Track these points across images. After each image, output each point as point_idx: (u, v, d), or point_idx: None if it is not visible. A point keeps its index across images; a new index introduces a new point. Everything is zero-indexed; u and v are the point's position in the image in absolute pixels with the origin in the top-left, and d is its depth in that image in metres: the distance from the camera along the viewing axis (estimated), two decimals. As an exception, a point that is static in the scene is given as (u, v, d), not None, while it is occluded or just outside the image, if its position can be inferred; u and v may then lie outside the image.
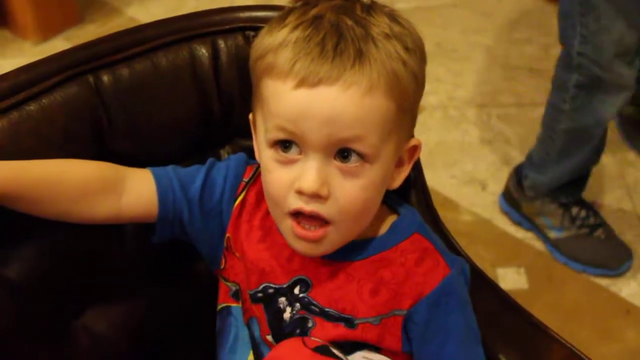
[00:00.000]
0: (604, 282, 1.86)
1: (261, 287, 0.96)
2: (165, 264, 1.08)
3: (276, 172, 0.89)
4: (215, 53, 1.05)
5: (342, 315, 0.93)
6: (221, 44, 1.06)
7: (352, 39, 0.86)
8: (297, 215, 0.88)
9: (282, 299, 0.95)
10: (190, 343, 1.12)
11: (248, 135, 1.08)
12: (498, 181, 2.06)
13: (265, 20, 1.05)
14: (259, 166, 0.97)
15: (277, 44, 0.87)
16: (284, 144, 0.87)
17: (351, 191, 0.87)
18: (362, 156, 0.87)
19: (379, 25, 0.88)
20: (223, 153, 1.09)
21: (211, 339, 1.05)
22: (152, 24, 1.05)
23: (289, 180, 0.88)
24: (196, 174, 0.99)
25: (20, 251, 0.98)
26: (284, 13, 0.91)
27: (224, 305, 1.01)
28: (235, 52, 1.06)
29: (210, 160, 1.01)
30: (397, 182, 0.95)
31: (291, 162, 0.87)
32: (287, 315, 0.95)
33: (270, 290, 0.96)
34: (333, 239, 0.90)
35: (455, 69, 2.35)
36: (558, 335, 1.02)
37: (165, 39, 1.03)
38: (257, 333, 0.97)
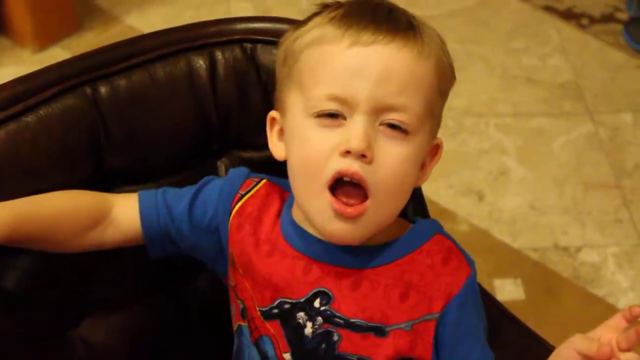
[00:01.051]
0: (600, 292, 1.86)
1: (276, 302, 0.93)
2: (163, 274, 1.08)
3: (317, 137, 0.88)
4: (212, 65, 1.05)
5: (371, 324, 0.91)
6: (218, 55, 1.06)
7: (403, 12, 0.90)
8: (335, 188, 0.87)
9: (301, 314, 0.92)
10: (188, 353, 1.12)
11: (245, 147, 1.08)
12: (495, 191, 2.06)
13: (262, 32, 1.06)
14: (260, 180, 0.98)
15: (322, 21, 0.90)
16: (331, 115, 0.87)
17: (394, 158, 0.88)
18: (405, 127, 0.88)
19: (416, 18, 0.92)
20: (220, 165, 1.09)
21: (210, 349, 1.05)
22: (150, 35, 1.06)
23: (332, 144, 0.87)
24: (186, 192, 0.99)
25: (18, 261, 0.98)
26: (312, 13, 0.93)
27: (238, 324, 0.99)
28: (233, 63, 1.06)
29: (205, 177, 1.00)
30: (422, 180, 0.95)
31: (335, 126, 0.87)
32: (308, 330, 0.92)
33: (287, 306, 0.93)
34: (370, 218, 0.89)
35: (452, 78, 2.35)
36: (555, 346, 1.02)
37: (163, 50, 1.04)
38: (270, 352, 0.94)
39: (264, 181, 0.99)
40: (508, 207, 2.03)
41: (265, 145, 1.07)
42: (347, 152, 0.86)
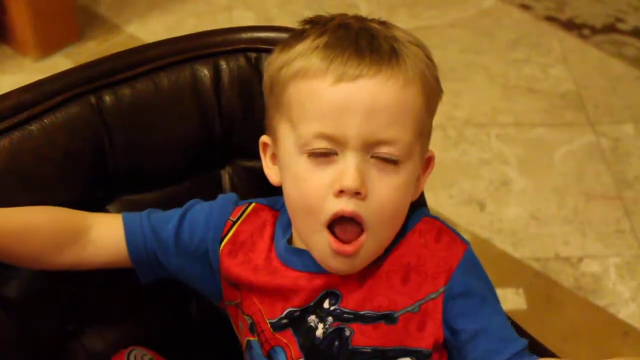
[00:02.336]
0: (602, 303, 1.86)
1: (285, 313, 0.94)
2: (163, 284, 1.08)
3: (313, 178, 0.88)
4: (217, 74, 1.05)
5: (380, 313, 0.92)
6: (223, 65, 1.06)
7: (384, 38, 0.89)
8: (333, 225, 0.88)
9: (312, 317, 0.93)
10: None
11: (249, 156, 1.08)
12: (497, 201, 2.06)
13: (267, 41, 1.06)
14: (249, 205, 0.98)
15: (306, 50, 0.89)
16: (323, 154, 0.88)
17: (387, 190, 0.88)
18: (396, 159, 0.88)
19: (400, 34, 0.91)
20: (224, 173, 1.09)
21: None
22: (154, 44, 1.06)
23: (327, 183, 0.87)
24: (173, 215, 0.99)
25: (20, 271, 0.97)
26: (296, 33, 0.92)
27: (247, 340, 0.98)
28: (238, 73, 1.06)
29: (191, 201, 1.00)
30: (417, 194, 0.95)
31: (328, 163, 0.88)
32: (320, 332, 0.93)
33: (297, 314, 0.94)
34: (368, 249, 0.90)
35: (454, 89, 2.35)
36: (557, 356, 1.02)
37: (168, 60, 1.04)
38: None
39: (252, 205, 0.99)
40: (509, 217, 2.03)
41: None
42: (342, 192, 0.87)
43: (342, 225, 0.88)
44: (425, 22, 2.55)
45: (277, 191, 1.07)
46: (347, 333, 0.92)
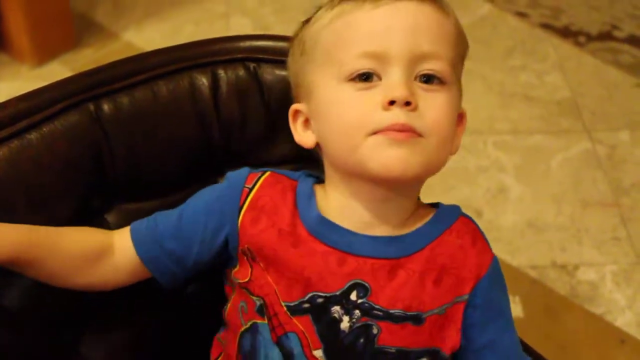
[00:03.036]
0: (598, 310, 1.86)
1: (307, 296, 0.90)
2: (161, 291, 1.08)
3: (357, 100, 0.87)
4: (215, 83, 1.06)
5: (409, 313, 0.89)
6: (221, 73, 1.06)
7: None
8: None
9: (336, 308, 0.89)
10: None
11: (248, 163, 1.08)
12: (493, 209, 2.06)
13: (265, 50, 1.06)
14: (263, 173, 0.96)
15: (336, 2, 0.91)
16: (365, 77, 0.87)
17: (436, 106, 0.88)
18: (441, 76, 0.88)
19: None
20: (222, 181, 1.09)
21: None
22: (153, 52, 1.06)
23: (373, 102, 0.86)
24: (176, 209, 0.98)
25: (17, 279, 0.97)
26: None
27: (252, 322, 0.93)
28: (236, 82, 1.06)
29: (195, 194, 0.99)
30: (454, 148, 0.94)
31: (371, 88, 0.87)
32: (345, 325, 0.89)
33: (320, 300, 0.89)
34: (423, 149, 0.87)
35: (450, 96, 2.35)
36: (555, 365, 1.02)
37: (166, 68, 1.04)
38: (297, 349, 0.90)
39: (267, 172, 0.97)
40: (506, 224, 2.04)
41: (267, 162, 1.08)
42: (391, 103, 0.86)
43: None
44: (421, 30, 2.55)
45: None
46: (375, 331, 0.89)
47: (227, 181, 0.97)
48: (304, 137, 0.95)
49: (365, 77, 0.88)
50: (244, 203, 0.94)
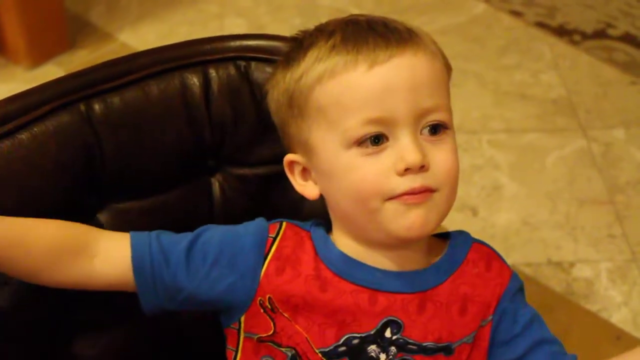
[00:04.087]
0: (594, 307, 1.86)
1: (342, 339, 0.90)
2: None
3: (367, 166, 0.87)
4: (206, 82, 1.05)
5: (440, 345, 0.90)
6: (212, 73, 1.06)
7: (394, 21, 0.91)
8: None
9: (373, 347, 0.90)
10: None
11: (239, 164, 1.08)
12: (489, 207, 2.07)
13: (256, 49, 1.06)
14: (281, 223, 0.95)
15: (322, 53, 0.88)
16: (374, 140, 0.87)
17: (445, 158, 0.88)
18: (444, 124, 0.89)
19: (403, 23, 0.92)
20: (214, 181, 1.09)
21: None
22: (144, 52, 1.06)
23: (385, 168, 0.86)
24: (183, 237, 0.94)
25: (7, 278, 0.97)
26: (295, 46, 0.92)
27: None
28: (227, 81, 1.06)
29: (204, 226, 0.96)
30: None
31: (381, 152, 0.87)
32: None
33: (355, 341, 0.90)
34: (438, 203, 0.88)
35: (445, 94, 2.35)
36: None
37: (157, 68, 1.03)
38: None
39: (285, 223, 0.95)
40: (501, 222, 2.04)
41: (258, 162, 1.08)
42: (406, 170, 0.86)
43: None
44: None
45: (268, 197, 1.08)
46: None
47: (247, 228, 0.95)
48: (306, 188, 0.94)
49: (374, 140, 0.87)
50: (268, 252, 0.93)
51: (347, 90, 0.87)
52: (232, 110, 1.06)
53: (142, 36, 2.53)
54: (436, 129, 0.88)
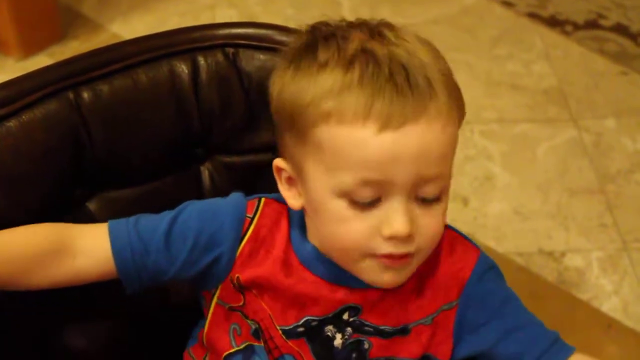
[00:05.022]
0: (585, 296, 1.87)
1: (302, 321, 0.92)
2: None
3: (353, 221, 0.84)
4: (194, 70, 1.05)
5: (397, 327, 0.91)
6: (201, 60, 1.06)
7: (416, 67, 0.82)
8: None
9: (329, 327, 0.92)
10: (166, 354, 1.12)
11: (228, 152, 1.09)
12: (480, 197, 2.07)
13: (244, 37, 1.06)
14: (260, 199, 0.94)
15: (337, 87, 0.82)
16: (365, 203, 0.83)
17: (432, 225, 0.85)
18: (439, 196, 0.85)
19: (419, 47, 0.85)
20: (203, 169, 1.09)
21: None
22: (132, 40, 1.06)
23: (371, 227, 0.84)
24: (162, 219, 0.93)
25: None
26: (308, 50, 0.85)
27: (247, 343, 0.94)
28: (215, 69, 1.06)
29: (184, 203, 0.95)
30: None
31: (370, 209, 0.84)
32: (338, 342, 0.92)
33: (314, 323, 0.92)
34: (417, 262, 0.87)
35: (437, 85, 2.35)
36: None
37: (145, 56, 1.03)
38: None
39: (263, 199, 0.95)
40: (493, 212, 2.04)
41: (247, 150, 1.08)
42: (394, 238, 0.83)
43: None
44: (408, 19, 2.55)
45: (258, 186, 1.08)
46: (366, 345, 0.91)
47: (225, 206, 0.94)
48: (290, 196, 0.91)
49: (366, 203, 0.84)
50: (245, 233, 0.93)
51: (350, 145, 0.82)
52: (220, 98, 1.06)
53: (133, 27, 2.53)
54: (427, 197, 0.85)
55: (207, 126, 1.07)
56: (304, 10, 2.55)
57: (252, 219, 0.93)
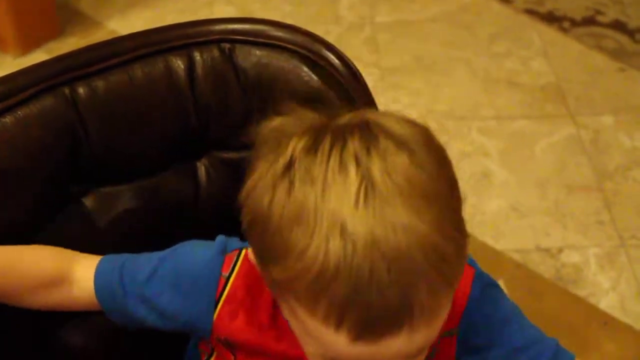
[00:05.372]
0: (582, 293, 1.87)
1: None
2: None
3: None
4: (191, 65, 1.05)
5: None
6: (197, 56, 1.06)
7: (391, 284, 0.69)
8: None
9: None
10: (166, 352, 1.12)
11: (225, 148, 1.08)
12: (478, 194, 2.07)
13: (240, 32, 1.06)
14: (239, 253, 0.88)
15: (310, 263, 0.69)
16: None
17: None
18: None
19: (396, 161, 0.73)
20: (200, 165, 1.09)
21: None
22: (128, 36, 1.06)
23: None
24: (144, 268, 0.90)
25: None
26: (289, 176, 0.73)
27: None
28: (211, 64, 1.05)
29: (168, 251, 0.92)
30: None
31: None
32: None
33: None
34: None
35: (434, 82, 2.35)
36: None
37: (141, 51, 1.03)
38: None
39: (243, 253, 0.88)
40: (490, 209, 2.04)
41: (244, 146, 1.07)
42: None
43: None
44: (406, 16, 2.56)
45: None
46: None
47: (204, 260, 0.88)
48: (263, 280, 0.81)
49: None
50: (220, 295, 0.87)
51: (321, 340, 0.73)
52: (217, 94, 1.05)
53: (131, 24, 2.53)
54: None
55: (203, 122, 1.07)
56: (301, 7, 2.55)
57: (228, 278, 0.87)
